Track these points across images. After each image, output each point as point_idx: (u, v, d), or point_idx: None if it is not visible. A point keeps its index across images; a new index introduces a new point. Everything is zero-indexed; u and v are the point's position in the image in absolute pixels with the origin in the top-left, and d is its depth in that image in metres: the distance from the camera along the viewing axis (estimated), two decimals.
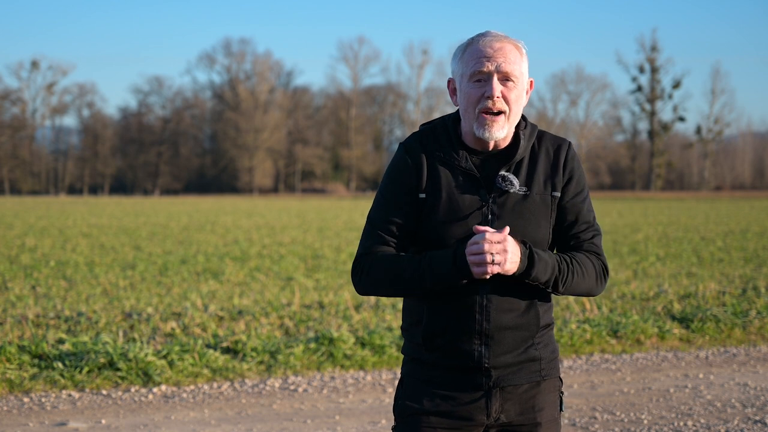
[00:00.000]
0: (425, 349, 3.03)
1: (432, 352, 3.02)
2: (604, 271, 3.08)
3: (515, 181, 2.98)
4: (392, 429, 3.12)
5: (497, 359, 2.99)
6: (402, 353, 3.16)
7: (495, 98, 2.95)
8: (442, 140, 3.03)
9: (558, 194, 3.03)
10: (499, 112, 2.96)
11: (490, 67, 2.95)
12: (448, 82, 3.09)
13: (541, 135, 3.08)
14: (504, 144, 3.03)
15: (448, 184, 2.98)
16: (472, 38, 3.02)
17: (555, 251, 3.09)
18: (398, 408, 3.10)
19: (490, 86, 2.95)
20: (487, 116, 2.96)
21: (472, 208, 2.97)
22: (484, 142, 3.01)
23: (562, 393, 3.15)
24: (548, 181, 3.02)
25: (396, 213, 3.02)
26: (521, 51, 3.01)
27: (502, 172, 2.98)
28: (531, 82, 3.06)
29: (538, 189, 3.01)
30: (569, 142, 3.10)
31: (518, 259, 2.89)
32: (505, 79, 2.96)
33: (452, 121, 3.07)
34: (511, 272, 2.89)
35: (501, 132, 2.97)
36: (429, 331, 3.01)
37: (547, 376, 3.07)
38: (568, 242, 3.07)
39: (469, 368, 3.00)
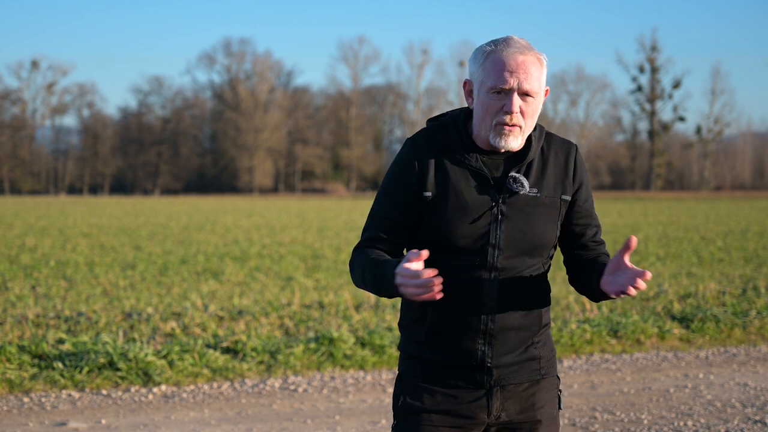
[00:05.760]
0: (427, 347, 3.03)
1: (434, 350, 3.02)
2: None
3: (525, 183, 2.98)
4: (392, 428, 3.10)
5: (499, 359, 3.01)
6: (399, 350, 3.14)
7: (514, 114, 2.94)
8: (452, 139, 3.02)
9: (568, 198, 3.05)
10: (515, 125, 2.97)
11: (512, 83, 2.93)
12: (465, 82, 3.06)
13: (549, 137, 3.09)
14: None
15: (456, 183, 2.98)
16: (496, 45, 2.97)
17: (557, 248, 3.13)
18: (398, 406, 3.08)
19: (510, 102, 2.93)
20: (505, 127, 2.96)
21: (483, 208, 2.96)
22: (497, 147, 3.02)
23: (560, 391, 3.17)
24: (558, 184, 3.04)
25: (395, 209, 3.02)
26: (542, 63, 2.98)
27: (513, 174, 2.99)
28: (546, 90, 3.06)
29: (548, 191, 3.02)
30: (576, 146, 3.12)
31: None
32: (524, 94, 2.95)
33: (462, 119, 3.06)
34: None
35: (516, 142, 2.98)
36: (433, 329, 3.01)
37: (547, 374, 3.10)
38: (577, 240, 3.12)
39: (471, 367, 3.01)
